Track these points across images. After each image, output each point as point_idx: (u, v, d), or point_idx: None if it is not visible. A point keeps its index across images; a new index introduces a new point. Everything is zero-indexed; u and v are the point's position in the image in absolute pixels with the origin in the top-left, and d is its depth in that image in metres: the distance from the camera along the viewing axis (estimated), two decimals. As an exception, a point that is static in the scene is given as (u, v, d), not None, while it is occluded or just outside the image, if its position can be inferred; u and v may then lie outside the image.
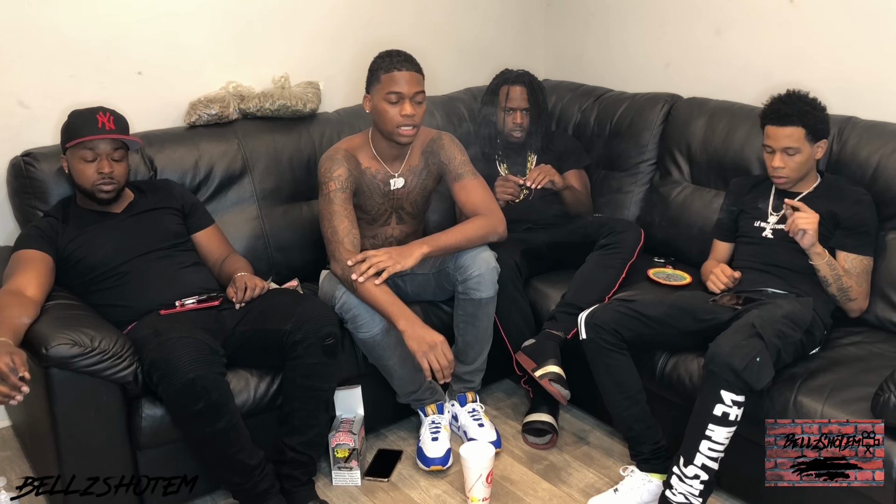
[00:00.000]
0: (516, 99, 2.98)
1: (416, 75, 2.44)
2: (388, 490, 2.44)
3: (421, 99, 2.45)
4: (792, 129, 2.29)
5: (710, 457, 2.04)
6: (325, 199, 2.47)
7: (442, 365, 2.28)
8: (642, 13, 3.31)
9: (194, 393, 2.01)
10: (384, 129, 2.47)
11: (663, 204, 2.95)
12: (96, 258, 2.30)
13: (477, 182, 2.59)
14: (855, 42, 2.66)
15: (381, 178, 2.56)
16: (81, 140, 2.25)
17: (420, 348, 2.28)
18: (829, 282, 2.29)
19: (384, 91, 2.42)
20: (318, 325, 2.22)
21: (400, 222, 2.66)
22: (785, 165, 2.32)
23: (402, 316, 2.31)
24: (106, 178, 2.30)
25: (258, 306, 2.33)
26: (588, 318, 2.31)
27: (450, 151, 2.60)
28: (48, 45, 2.58)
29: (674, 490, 2.09)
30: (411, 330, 2.29)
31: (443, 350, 2.28)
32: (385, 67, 2.43)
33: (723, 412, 1.99)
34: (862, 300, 2.34)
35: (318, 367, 2.23)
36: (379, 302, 2.33)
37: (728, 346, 2.01)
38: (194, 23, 2.83)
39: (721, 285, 2.43)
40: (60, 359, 1.97)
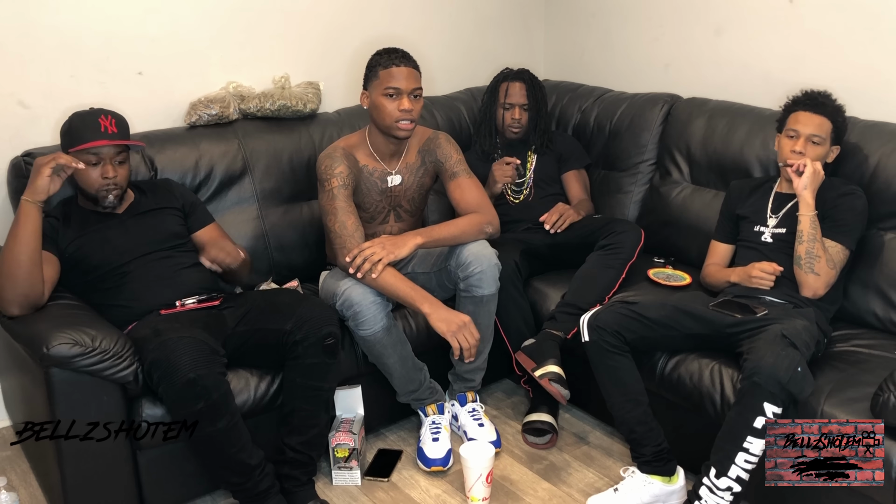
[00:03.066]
0: (515, 95, 2.99)
1: (413, 71, 2.46)
2: (388, 490, 2.44)
3: (418, 94, 2.48)
4: (822, 120, 2.34)
5: (745, 469, 2.01)
6: (327, 196, 2.48)
7: (471, 343, 2.33)
8: (642, 13, 3.31)
9: (195, 393, 2.01)
10: (382, 124, 2.48)
11: (663, 204, 2.95)
12: (97, 258, 2.30)
13: (471, 181, 2.62)
14: (854, 42, 2.66)
15: (379, 176, 2.57)
16: (84, 147, 2.25)
17: (449, 328, 2.31)
18: (804, 239, 2.27)
19: (382, 87, 2.44)
20: (318, 324, 2.22)
21: (398, 220, 2.67)
22: (806, 153, 2.32)
23: (425, 300, 2.34)
24: (110, 184, 2.29)
25: (258, 306, 2.33)
26: (590, 321, 2.31)
27: (446, 150, 2.62)
28: (48, 45, 2.58)
29: (703, 501, 2.07)
30: (436, 313, 2.33)
31: (471, 329, 2.34)
32: (383, 64, 2.45)
33: (763, 424, 1.97)
34: (821, 284, 2.29)
35: (318, 366, 2.23)
36: (398, 290, 2.35)
37: (771, 357, 1.98)
38: (195, 23, 2.83)
39: (770, 282, 2.34)
40: (61, 358, 1.97)
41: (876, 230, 2.43)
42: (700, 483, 2.09)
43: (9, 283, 2.10)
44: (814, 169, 2.27)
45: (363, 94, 2.53)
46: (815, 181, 2.28)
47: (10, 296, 2.11)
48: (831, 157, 2.40)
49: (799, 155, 2.31)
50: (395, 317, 2.50)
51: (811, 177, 2.27)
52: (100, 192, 2.30)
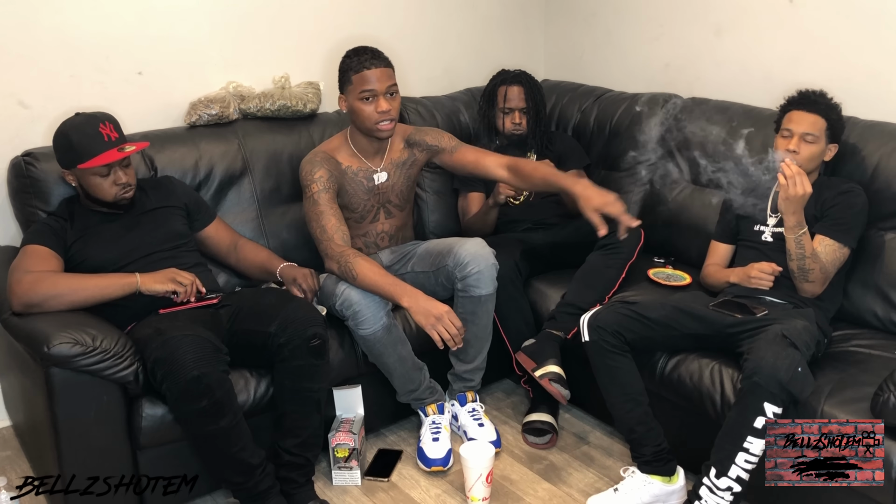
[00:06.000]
0: (514, 99, 2.99)
1: (385, 70, 2.46)
2: (388, 490, 2.44)
3: (394, 91, 2.48)
4: (816, 118, 2.34)
5: (746, 469, 2.02)
6: (309, 202, 2.48)
7: (452, 333, 2.30)
8: (642, 13, 3.31)
9: (199, 390, 2.01)
10: (363, 126, 2.50)
11: (663, 204, 2.95)
12: (100, 258, 2.30)
13: (470, 146, 2.71)
14: (854, 42, 2.66)
15: (364, 175, 2.59)
16: (99, 164, 2.24)
17: (427, 321, 2.30)
18: (793, 258, 2.27)
19: (357, 91, 2.45)
20: (302, 326, 2.20)
21: (388, 216, 2.68)
22: (800, 151, 2.32)
23: (404, 293, 2.33)
24: (125, 187, 2.32)
25: (247, 305, 2.33)
26: (591, 321, 2.31)
27: (435, 134, 2.69)
28: (48, 45, 2.58)
29: (703, 501, 2.07)
30: (416, 305, 2.31)
31: (450, 319, 2.31)
32: (354, 68, 2.45)
33: (763, 424, 1.98)
34: (818, 287, 2.29)
35: (305, 368, 2.22)
36: (379, 285, 2.34)
37: (772, 357, 1.98)
38: (195, 23, 2.83)
39: (769, 282, 2.34)
40: (62, 357, 1.97)
41: (876, 230, 2.43)
42: (700, 483, 2.09)
43: (46, 304, 2.12)
44: (787, 194, 2.18)
45: (340, 97, 2.54)
46: (791, 203, 2.20)
47: (29, 306, 2.11)
48: (829, 156, 2.40)
49: (793, 154, 2.32)
50: (395, 316, 2.50)
51: (784, 200, 2.20)
52: (117, 197, 2.32)
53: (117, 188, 2.30)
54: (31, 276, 2.14)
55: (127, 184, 2.32)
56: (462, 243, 2.51)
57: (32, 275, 2.15)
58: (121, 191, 2.31)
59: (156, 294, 2.23)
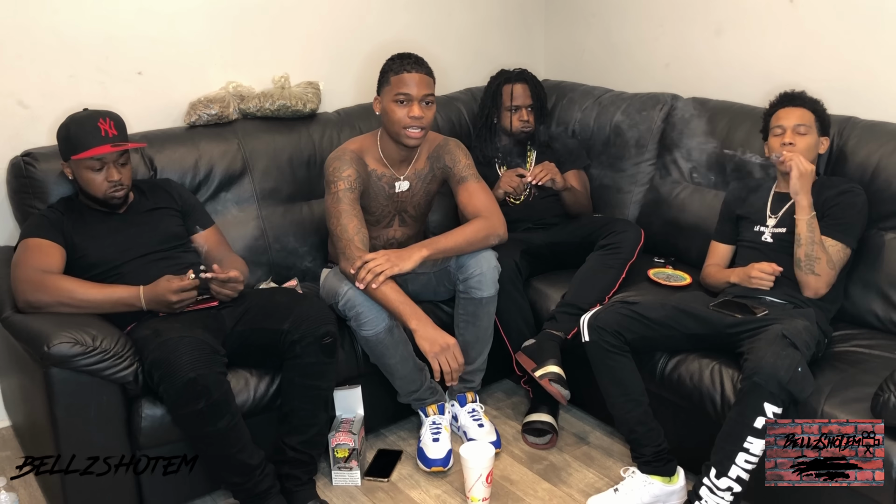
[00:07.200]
0: (520, 96, 3.00)
1: (425, 77, 2.45)
2: (388, 490, 2.44)
3: (430, 100, 2.46)
4: (803, 111, 2.40)
5: (746, 469, 2.01)
6: (333, 198, 2.47)
7: (452, 367, 2.30)
8: (642, 13, 3.31)
9: (195, 392, 2.01)
10: (392, 130, 2.47)
11: (663, 204, 2.95)
12: (95, 256, 2.30)
13: (479, 186, 2.60)
14: (854, 42, 2.66)
15: (387, 181, 2.57)
16: (89, 155, 2.24)
17: (432, 349, 2.29)
18: (802, 242, 2.26)
19: (393, 92, 2.43)
20: (315, 324, 2.22)
21: (402, 224, 2.67)
22: (796, 143, 2.34)
23: (413, 315, 2.31)
24: (117, 186, 2.31)
25: (257, 305, 2.33)
26: (591, 321, 2.31)
27: (455, 155, 2.61)
28: (48, 45, 2.58)
29: (703, 501, 2.07)
30: (423, 330, 2.30)
31: (455, 353, 2.30)
32: (395, 69, 2.44)
33: (763, 424, 1.97)
34: (822, 284, 2.29)
35: (316, 366, 2.23)
36: (390, 301, 2.33)
37: (772, 357, 1.98)
38: (194, 23, 2.83)
39: (769, 282, 2.34)
40: (62, 357, 1.97)
41: (876, 230, 2.43)
42: (700, 483, 2.09)
43: (51, 309, 2.13)
44: (800, 170, 2.26)
45: (376, 99, 2.52)
46: (805, 180, 2.27)
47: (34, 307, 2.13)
48: (822, 149, 2.43)
49: (790, 147, 2.33)
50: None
51: (799, 178, 2.26)
52: (107, 195, 2.31)
53: (108, 185, 2.30)
54: (39, 278, 2.14)
55: (119, 182, 2.31)
56: None
57: (41, 276, 2.15)
58: (111, 188, 2.30)
59: (158, 310, 2.22)
